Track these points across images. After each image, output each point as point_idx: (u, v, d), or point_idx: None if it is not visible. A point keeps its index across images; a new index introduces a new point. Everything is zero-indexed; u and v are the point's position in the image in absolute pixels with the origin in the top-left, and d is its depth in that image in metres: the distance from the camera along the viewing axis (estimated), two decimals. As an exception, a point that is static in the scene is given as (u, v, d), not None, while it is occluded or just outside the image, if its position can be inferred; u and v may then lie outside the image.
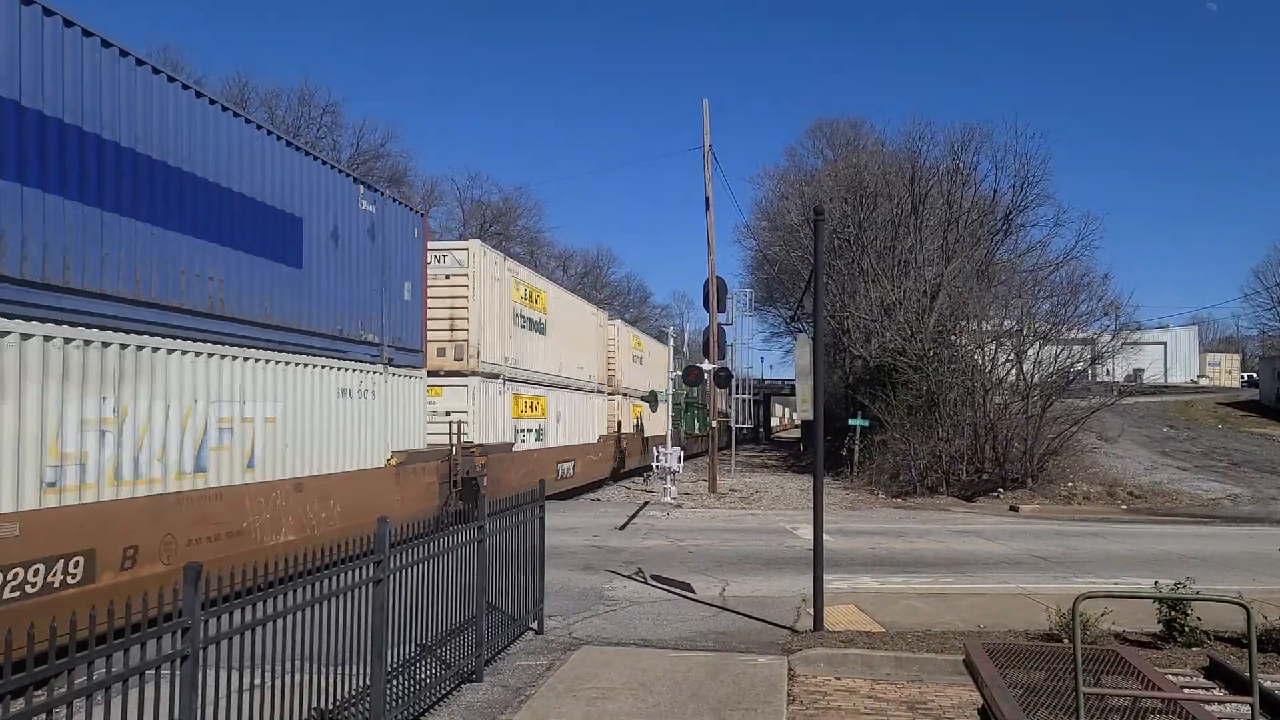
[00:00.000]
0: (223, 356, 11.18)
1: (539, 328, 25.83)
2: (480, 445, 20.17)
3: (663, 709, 7.61)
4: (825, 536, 11.07)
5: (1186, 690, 8.17)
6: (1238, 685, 8.19)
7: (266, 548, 11.36)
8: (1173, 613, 9.90)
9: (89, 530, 8.80)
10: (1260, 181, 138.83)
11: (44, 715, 3.73)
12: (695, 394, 49.52)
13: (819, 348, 11.36)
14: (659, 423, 40.17)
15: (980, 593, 13.29)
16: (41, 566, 8.22)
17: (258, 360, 11.92)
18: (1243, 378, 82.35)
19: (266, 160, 12.39)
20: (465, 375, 20.67)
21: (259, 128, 12.35)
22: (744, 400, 57.28)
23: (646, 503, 27.85)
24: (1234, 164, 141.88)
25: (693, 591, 13.20)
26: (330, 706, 6.11)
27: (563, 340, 28.18)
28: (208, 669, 4.79)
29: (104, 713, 4.02)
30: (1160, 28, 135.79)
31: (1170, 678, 8.47)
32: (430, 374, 18.47)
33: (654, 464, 30.45)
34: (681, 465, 30.59)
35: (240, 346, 11.56)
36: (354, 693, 6.47)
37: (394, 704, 6.85)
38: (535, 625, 10.50)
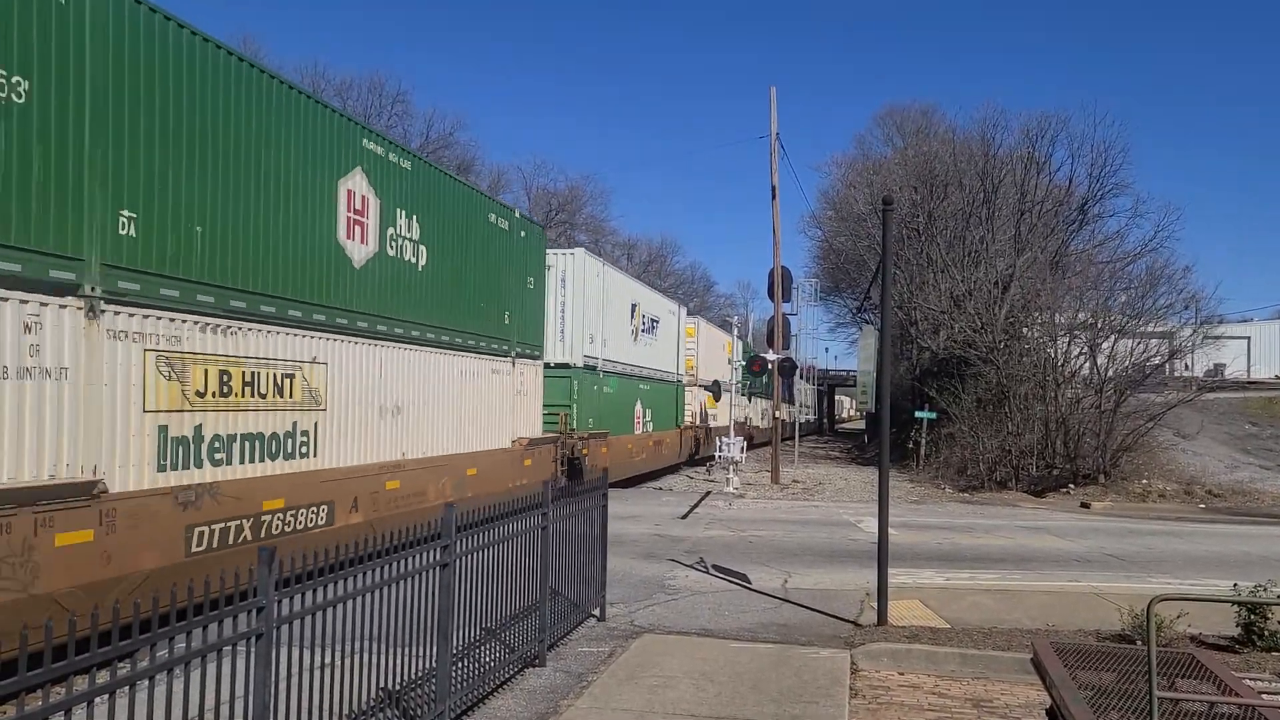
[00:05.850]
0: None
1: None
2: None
3: (724, 699, 7.63)
4: (890, 530, 10.96)
5: (1265, 696, 7.92)
6: (1320, 693, 7.92)
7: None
8: (1252, 616, 9.59)
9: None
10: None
11: (128, 687, 3.90)
12: (759, 384, 49.33)
13: (886, 339, 11.24)
14: (721, 412, 40.19)
15: (1049, 590, 13.03)
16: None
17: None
18: (1332, 374, 78.92)
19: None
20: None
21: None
22: (808, 391, 56.83)
23: (709, 492, 27.83)
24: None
25: (754, 582, 13.18)
26: (397, 687, 6.24)
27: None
28: (280, 647, 4.93)
29: (184, 684, 4.18)
30: (1246, 10, 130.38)
31: (1248, 683, 8.22)
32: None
33: (716, 454, 30.42)
34: (744, 455, 30.49)
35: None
36: (420, 674, 6.60)
37: (459, 686, 6.97)
38: (597, 612, 10.59)
